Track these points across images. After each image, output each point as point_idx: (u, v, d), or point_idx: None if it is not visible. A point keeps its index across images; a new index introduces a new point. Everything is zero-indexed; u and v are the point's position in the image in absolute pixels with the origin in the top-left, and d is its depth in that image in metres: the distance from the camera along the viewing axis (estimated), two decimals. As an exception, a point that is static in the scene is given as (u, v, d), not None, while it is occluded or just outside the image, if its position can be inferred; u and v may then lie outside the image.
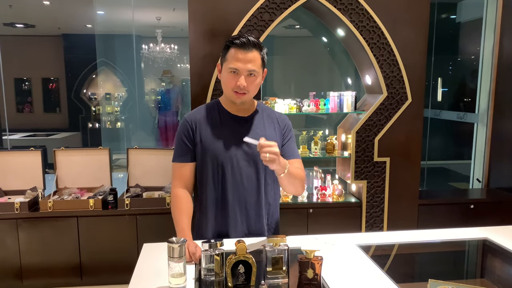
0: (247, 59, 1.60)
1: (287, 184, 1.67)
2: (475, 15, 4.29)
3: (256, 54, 1.62)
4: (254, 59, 1.62)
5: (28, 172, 3.25)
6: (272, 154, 1.47)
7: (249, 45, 1.60)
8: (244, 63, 1.60)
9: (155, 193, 3.29)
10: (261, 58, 1.65)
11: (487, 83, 3.78)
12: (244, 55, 1.60)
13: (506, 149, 3.57)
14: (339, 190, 3.31)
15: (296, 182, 1.68)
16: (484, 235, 1.87)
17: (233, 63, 1.61)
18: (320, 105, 3.20)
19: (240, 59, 1.60)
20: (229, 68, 1.63)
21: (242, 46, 1.60)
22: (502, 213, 3.33)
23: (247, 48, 1.60)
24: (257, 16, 2.97)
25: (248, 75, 1.62)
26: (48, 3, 6.09)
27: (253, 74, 1.63)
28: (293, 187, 1.69)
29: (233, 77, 1.63)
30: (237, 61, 1.60)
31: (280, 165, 1.55)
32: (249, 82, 1.63)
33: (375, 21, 3.02)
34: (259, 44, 1.65)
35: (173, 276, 1.33)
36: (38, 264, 3.07)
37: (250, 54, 1.61)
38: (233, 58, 1.61)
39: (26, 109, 8.34)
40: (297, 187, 1.71)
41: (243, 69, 1.61)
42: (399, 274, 1.61)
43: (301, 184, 1.72)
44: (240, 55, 1.60)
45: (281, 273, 1.40)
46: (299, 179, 1.69)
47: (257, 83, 1.67)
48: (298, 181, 1.69)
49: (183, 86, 7.46)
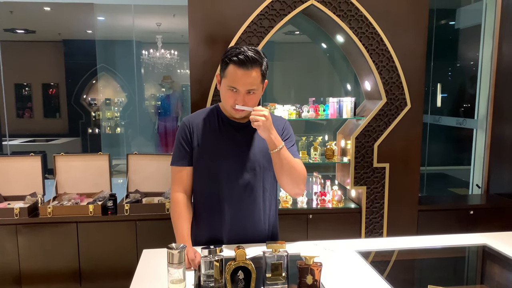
0: (247, 79, 1.56)
1: (282, 171, 1.63)
2: (474, 21, 4.32)
3: (256, 71, 1.58)
4: (254, 77, 1.58)
5: (27, 177, 3.25)
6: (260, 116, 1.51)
7: (249, 63, 1.55)
8: (243, 84, 1.57)
9: (154, 198, 3.29)
10: (261, 74, 1.61)
11: (486, 89, 3.80)
12: (244, 74, 1.56)
13: (505, 154, 3.57)
14: (339, 195, 3.31)
15: (292, 173, 1.64)
16: (484, 241, 1.87)
17: (232, 82, 1.58)
18: (320, 111, 3.21)
19: (239, 78, 1.56)
20: (228, 86, 1.60)
21: (241, 64, 1.55)
22: (502, 219, 3.33)
23: (247, 66, 1.55)
24: (257, 22, 2.99)
25: (246, 93, 1.59)
26: (48, 9, 6.13)
27: (253, 92, 1.60)
28: (289, 178, 1.65)
29: (232, 94, 1.60)
30: (237, 80, 1.57)
31: (271, 137, 1.55)
32: (248, 100, 1.60)
33: (374, 27, 3.04)
34: (259, 60, 1.58)
35: (172, 282, 1.33)
36: (38, 269, 3.07)
37: (249, 73, 1.56)
38: (232, 76, 1.57)
39: (26, 114, 8.35)
40: (293, 180, 1.66)
41: (242, 88, 1.58)
42: (399, 280, 1.61)
43: (298, 178, 1.67)
44: (239, 73, 1.56)
45: (281, 279, 1.40)
46: (295, 170, 1.64)
47: (256, 99, 1.64)
48: (294, 172, 1.64)
49: (183, 92, 7.48)
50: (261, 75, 1.61)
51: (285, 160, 1.61)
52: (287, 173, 1.64)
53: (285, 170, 1.63)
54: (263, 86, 1.66)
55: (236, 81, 1.57)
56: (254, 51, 1.59)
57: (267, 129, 1.53)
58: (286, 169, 1.62)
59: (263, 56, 1.62)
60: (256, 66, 1.58)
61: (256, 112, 1.53)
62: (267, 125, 1.53)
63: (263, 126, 1.52)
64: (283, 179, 1.67)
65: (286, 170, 1.63)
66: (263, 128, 1.53)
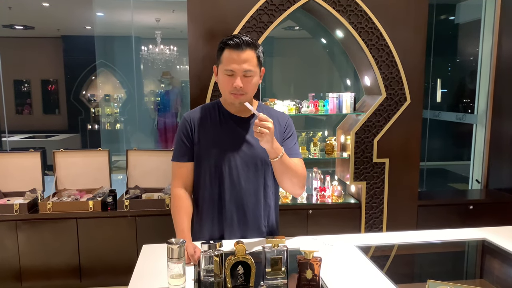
0: (242, 59, 1.58)
1: (282, 176, 1.63)
2: (474, 16, 4.30)
3: (251, 53, 1.59)
4: (249, 58, 1.59)
5: (27, 173, 3.25)
6: (264, 128, 1.46)
7: (243, 45, 1.57)
8: (239, 64, 1.58)
9: (154, 194, 3.30)
10: (257, 56, 1.62)
11: (486, 84, 3.79)
12: (239, 56, 1.57)
13: (505, 149, 3.58)
14: (339, 191, 3.31)
15: (292, 176, 1.63)
16: (483, 235, 1.87)
17: (228, 65, 1.59)
18: (319, 106, 3.20)
19: (234, 60, 1.58)
20: (225, 71, 1.60)
21: (236, 46, 1.57)
22: (501, 213, 3.34)
23: (241, 48, 1.57)
24: (256, 17, 2.98)
25: (244, 76, 1.59)
26: (47, 5, 6.10)
27: (250, 74, 1.60)
28: (290, 182, 1.65)
29: (229, 79, 1.60)
30: (232, 62, 1.58)
31: (273, 147, 1.53)
32: (245, 83, 1.60)
33: (374, 22, 3.03)
34: (254, 43, 1.61)
35: (172, 277, 1.33)
36: (38, 266, 3.07)
37: (244, 53, 1.58)
38: (228, 59, 1.59)
39: (26, 110, 8.34)
40: (294, 183, 1.65)
41: (238, 69, 1.58)
42: (398, 275, 1.62)
43: (299, 180, 1.66)
44: (234, 55, 1.57)
45: (280, 274, 1.40)
46: (295, 173, 1.63)
47: (254, 83, 1.64)
48: (295, 175, 1.63)
49: (183, 88, 7.47)
50: (256, 58, 1.62)
51: (286, 166, 1.60)
52: (287, 178, 1.64)
53: (285, 175, 1.63)
54: (260, 74, 1.67)
55: (232, 62, 1.58)
56: (248, 37, 1.62)
57: (270, 140, 1.51)
58: (286, 174, 1.62)
59: (258, 44, 1.65)
60: (251, 48, 1.59)
61: (261, 124, 1.48)
62: (271, 136, 1.50)
63: (267, 138, 1.49)
64: (284, 183, 1.67)
65: (286, 176, 1.63)
66: (266, 140, 1.50)
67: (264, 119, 1.48)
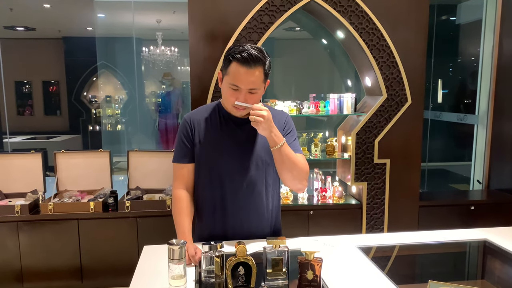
0: (249, 78, 1.54)
1: (283, 167, 1.62)
2: (475, 17, 4.30)
3: (259, 70, 1.55)
4: (257, 76, 1.55)
5: (28, 175, 3.26)
6: (258, 116, 1.49)
7: (252, 62, 1.52)
8: (246, 82, 1.54)
9: (155, 195, 3.30)
10: (264, 73, 1.58)
11: (487, 85, 3.79)
12: (246, 73, 1.53)
13: (506, 150, 3.57)
14: (340, 192, 3.31)
15: (293, 168, 1.61)
16: (484, 236, 1.87)
17: (234, 80, 1.55)
18: (320, 107, 3.20)
19: (241, 76, 1.54)
20: (230, 84, 1.57)
21: (244, 62, 1.52)
22: (503, 214, 3.33)
23: (250, 65, 1.53)
24: (257, 18, 2.98)
25: (248, 93, 1.57)
26: (48, 6, 6.11)
27: (255, 92, 1.58)
28: (290, 174, 1.63)
29: (233, 93, 1.58)
30: (239, 78, 1.54)
31: (272, 135, 1.54)
32: (249, 98, 1.58)
33: (375, 23, 3.03)
34: (263, 58, 1.56)
35: (173, 278, 1.33)
36: (39, 266, 3.07)
37: (252, 72, 1.53)
38: (235, 74, 1.54)
39: (27, 112, 8.35)
40: (295, 176, 1.63)
41: (244, 87, 1.55)
42: (399, 276, 1.61)
43: (299, 174, 1.64)
44: (242, 71, 1.53)
45: (281, 275, 1.40)
46: (296, 166, 1.62)
47: (258, 98, 1.62)
48: (295, 168, 1.62)
49: (184, 89, 7.47)
50: (263, 74, 1.58)
51: (286, 157, 1.59)
52: (288, 170, 1.62)
53: (286, 166, 1.61)
54: (264, 86, 1.64)
55: (239, 79, 1.54)
56: (257, 49, 1.56)
57: (267, 127, 1.52)
58: (287, 165, 1.61)
59: (267, 55, 1.59)
60: (259, 65, 1.55)
61: (255, 112, 1.51)
62: (267, 123, 1.51)
63: (263, 125, 1.51)
64: (285, 175, 1.65)
65: (287, 167, 1.61)
66: (262, 128, 1.52)
67: (257, 108, 1.51)
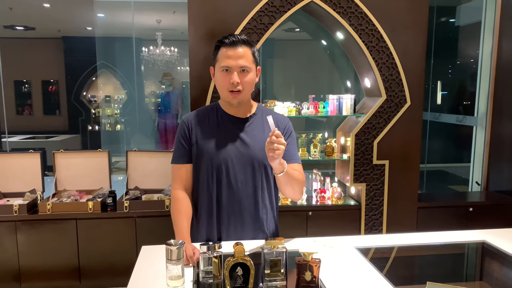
0: (238, 55, 1.62)
1: (285, 186, 1.65)
2: (474, 18, 4.30)
3: (247, 49, 1.64)
4: (245, 54, 1.63)
5: (27, 174, 3.25)
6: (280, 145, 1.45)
7: (239, 42, 1.63)
8: (235, 60, 1.62)
9: (154, 195, 3.29)
10: (252, 53, 1.66)
11: (486, 86, 3.79)
12: (235, 52, 1.62)
13: (504, 152, 3.57)
14: (338, 192, 3.31)
15: (295, 185, 1.65)
16: (483, 237, 1.87)
17: (224, 61, 1.63)
18: (320, 108, 3.20)
19: (230, 56, 1.62)
20: (221, 67, 1.64)
21: (231, 44, 1.62)
22: (501, 216, 3.33)
23: (237, 44, 1.62)
24: (256, 19, 2.98)
25: (240, 71, 1.63)
26: (48, 6, 6.11)
27: (246, 70, 1.63)
28: (291, 190, 1.67)
29: (225, 75, 1.63)
30: (228, 58, 1.62)
31: (281, 163, 1.54)
32: (242, 78, 1.63)
33: (374, 24, 3.03)
34: (249, 41, 1.67)
35: (171, 278, 1.33)
36: (37, 266, 3.07)
37: (240, 50, 1.62)
38: (224, 56, 1.63)
39: (26, 111, 8.35)
40: (296, 191, 1.68)
41: (234, 65, 1.62)
42: (398, 277, 1.61)
43: (300, 188, 1.69)
44: (230, 52, 1.62)
45: (279, 276, 1.40)
46: (298, 182, 1.66)
47: (251, 79, 1.66)
48: (297, 184, 1.66)
49: (183, 89, 7.48)
50: (252, 55, 1.66)
51: (289, 178, 1.61)
52: (290, 187, 1.66)
53: (288, 185, 1.65)
54: (256, 72, 1.69)
55: (228, 59, 1.62)
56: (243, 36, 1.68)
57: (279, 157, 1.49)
58: (290, 184, 1.64)
59: (253, 42, 1.72)
60: (246, 45, 1.64)
61: (278, 140, 1.44)
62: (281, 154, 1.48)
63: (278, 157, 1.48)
64: (286, 192, 1.69)
65: (290, 186, 1.65)
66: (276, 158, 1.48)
67: (278, 135, 1.45)
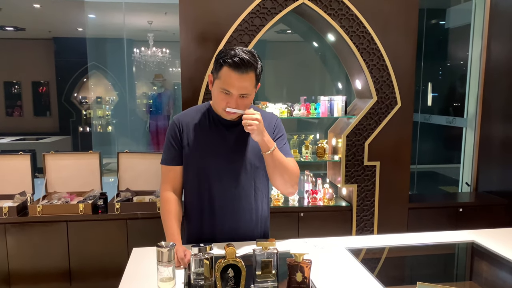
0: (241, 83, 1.53)
1: (274, 172, 1.62)
2: (464, 21, 4.35)
3: (251, 74, 1.54)
4: (248, 80, 1.54)
5: (17, 176, 3.22)
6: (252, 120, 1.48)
7: (243, 67, 1.51)
8: (237, 88, 1.53)
9: (145, 197, 3.28)
10: (256, 77, 1.57)
11: (475, 88, 3.83)
12: (238, 78, 1.52)
13: (493, 153, 3.61)
14: (330, 194, 3.32)
15: (284, 173, 1.62)
16: (472, 238, 1.89)
17: (226, 85, 1.54)
18: (311, 109, 3.22)
19: (233, 81, 1.52)
20: (221, 89, 1.56)
21: (236, 67, 1.51)
22: (490, 216, 3.37)
23: (242, 70, 1.51)
24: (248, 20, 2.98)
25: (240, 97, 1.56)
26: (38, 6, 6.07)
27: (246, 96, 1.57)
28: (281, 178, 1.63)
29: (224, 97, 1.56)
30: (230, 83, 1.53)
31: (264, 140, 1.54)
32: (240, 103, 1.57)
33: (365, 26, 3.05)
34: (254, 63, 1.54)
35: (162, 280, 1.32)
36: (27, 269, 3.04)
37: (244, 76, 1.53)
38: (226, 79, 1.53)
39: (16, 112, 8.28)
40: (286, 180, 1.64)
41: (235, 92, 1.54)
42: (388, 278, 1.63)
43: (290, 178, 1.65)
44: (233, 76, 1.52)
45: (271, 277, 1.40)
46: (287, 170, 1.62)
47: (249, 102, 1.61)
48: (286, 172, 1.62)
49: (175, 90, 7.46)
50: (255, 79, 1.57)
51: (278, 161, 1.59)
52: (279, 174, 1.62)
53: (277, 171, 1.61)
54: (256, 89, 1.63)
55: (230, 84, 1.53)
56: (249, 53, 1.54)
57: (260, 132, 1.51)
58: (278, 170, 1.61)
59: (258, 59, 1.58)
60: (251, 70, 1.54)
61: (248, 116, 1.49)
62: (260, 128, 1.51)
63: (257, 130, 1.50)
64: (276, 179, 1.65)
65: (278, 171, 1.61)
66: (257, 132, 1.50)
67: (250, 113, 1.51)
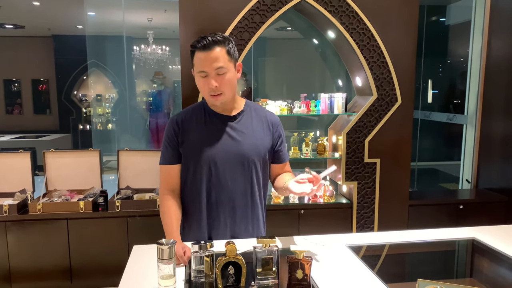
0: (212, 58, 1.58)
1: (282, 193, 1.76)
2: (464, 17, 4.34)
3: (219, 50, 1.59)
4: (218, 56, 1.58)
5: (17, 174, 3.22)
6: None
7: (210, 44, 1.58)
8: (209, 63, 1.58)
9: (145, 195, 3.28)
10: (227, 52, 1.60)
11: (476, 85, 3.83)
12: (208, 55, 1.58)
13: (494, 150, 3.61)
14: (330, 191, 3.32)
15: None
16: (473, 235, 1.89)
17: (199, 66, 1.60)
18: (311, 106, 3.21)
19: (204, 60, 1.58)
20: (198, 73, 1.62)
21: (203, 47, 1.58)
22: (491, 213, 3.37)
23: (209, 47, 1.58)
24: (248, 17, 2.98)
25: (216, 74, 1.59)
26: (38, 4, 6.05)
27: (222, 71, 1.59)
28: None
29: (204, 81, 1.61)
30: (203, 63, 1.59)
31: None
32: (219, 81, 1.59)
33: (365, 23, 3.05)
34: (221, 40, 1.60)
35: (162, 277, 1.32)
36: (28, 267, 3.04)
37: (212, 52, 1.58)
38: (199, 61, 1.60)
39: (16, 110, 8.27)
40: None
41: (210, 69, 1.58)
42: (389, 274, 1.62)
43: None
44: (203, 56, 1.58)
45: (271, 274, 1.40)
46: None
47: (229, 79, 1.62)
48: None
49: (175, 88, 7.45)
50: (227, 53, 1.60)
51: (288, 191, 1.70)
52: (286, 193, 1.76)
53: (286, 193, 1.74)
54: (236, 68, 1.66)
55: (202, 64, 1.59)
56: (215, 34, 1.61)
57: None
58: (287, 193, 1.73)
59: (228, 38, 1.64)
60: (219, 45, 1.59)
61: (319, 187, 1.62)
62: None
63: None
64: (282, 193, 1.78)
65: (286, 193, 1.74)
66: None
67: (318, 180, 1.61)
